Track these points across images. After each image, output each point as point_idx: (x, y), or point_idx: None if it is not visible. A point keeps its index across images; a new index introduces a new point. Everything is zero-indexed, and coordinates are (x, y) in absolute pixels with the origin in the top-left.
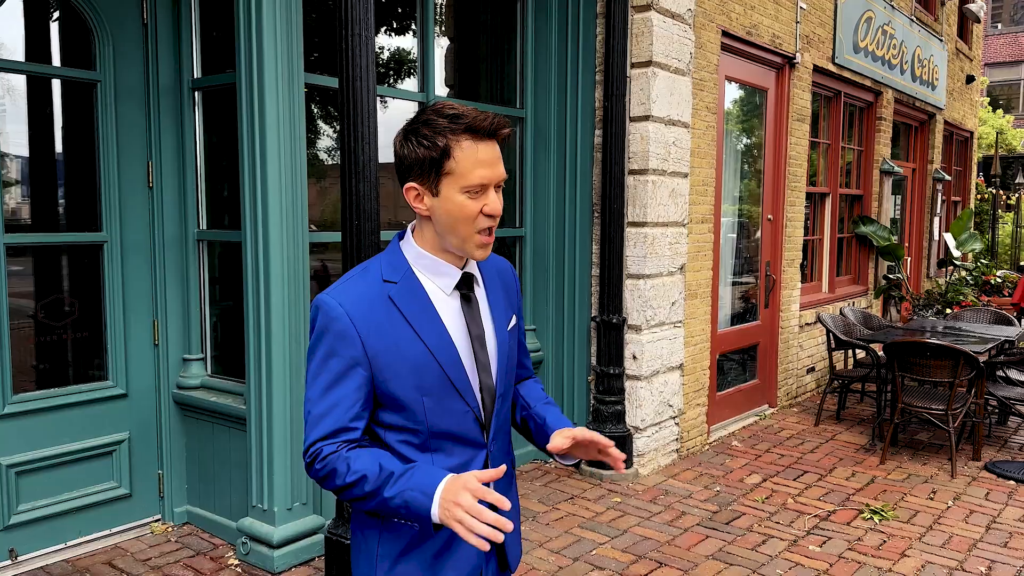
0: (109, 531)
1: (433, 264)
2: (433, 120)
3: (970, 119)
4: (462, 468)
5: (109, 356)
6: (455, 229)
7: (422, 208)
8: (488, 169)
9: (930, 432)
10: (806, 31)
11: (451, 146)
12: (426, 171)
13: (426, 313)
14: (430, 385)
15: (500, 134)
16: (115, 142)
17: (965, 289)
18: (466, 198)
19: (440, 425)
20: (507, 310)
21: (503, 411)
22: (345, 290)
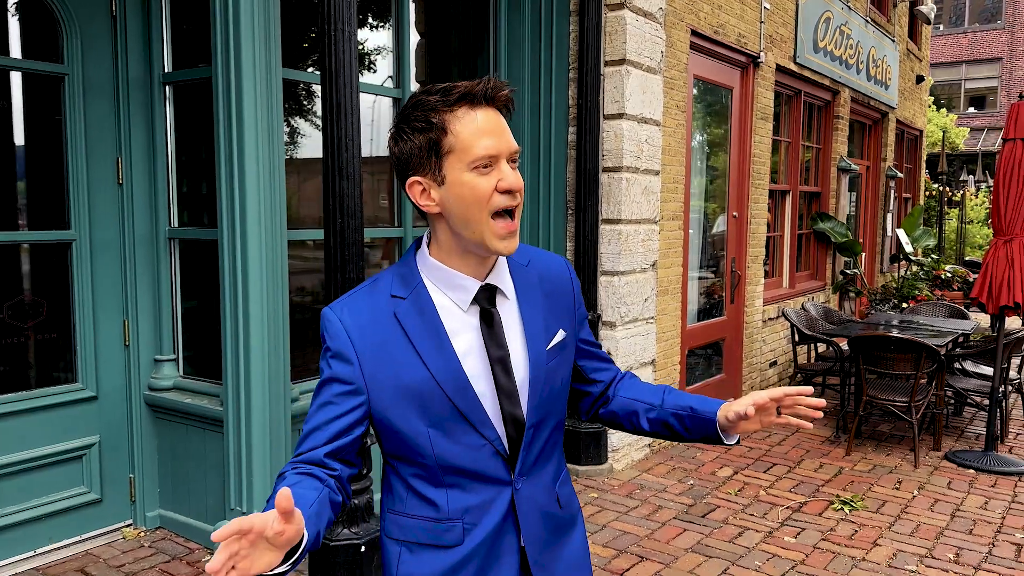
0: (80, 537)
1: (447, 276)
2: (423, 100)
3: (920, 118)
4: (483, 508)
5: (78, 357)
6: (468, 218)
7: (431, 205)
8: (493, 137)
9: (891, 423)
10: (769, 31)
11: (446, 120)
12: (425, 157)
13: (432, 334)
14: (436, 415)
15: (500, 98)
16: (83, 137)
17: (920, 284)
18: (475, 176)
19: (451, 460)
20: (550, 323)
21: (541, 440)
22: (349, 304)
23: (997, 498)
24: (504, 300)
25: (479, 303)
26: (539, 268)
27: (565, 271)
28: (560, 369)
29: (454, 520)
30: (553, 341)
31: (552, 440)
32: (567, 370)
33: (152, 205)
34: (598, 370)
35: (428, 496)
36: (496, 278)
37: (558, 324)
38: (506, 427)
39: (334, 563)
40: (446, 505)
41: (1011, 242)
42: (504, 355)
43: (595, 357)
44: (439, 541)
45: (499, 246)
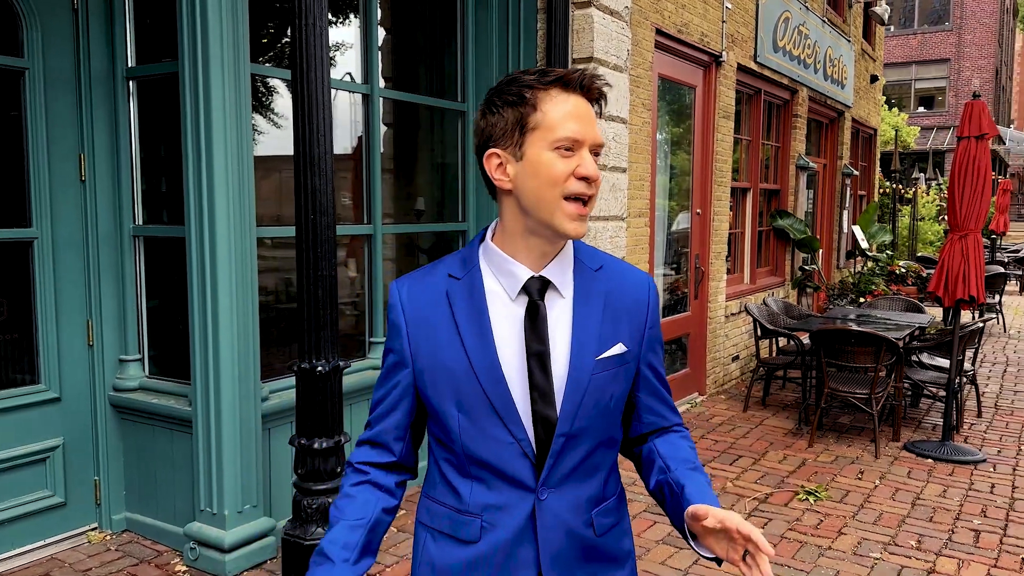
0: (43, 542)
1: (501, 261)
2: (519, 77)
3: (874, 117)
4: (503, 510)
5: (41, 358)
6: (541, 196)
7: (504, 180)
8: (581, 123)
9: (851, 415)
10: (731, 30)
11: (539, 97)
12: (510, 131)
13: (476, 316)
14: (467, 401)
15: (593, 88)
16: (45, 133)
17: (876, 279)
18: (555, 156)
19: (476, 451)
20: (607, 334)
21: (572, 455)
22: (411, 279)
23: (955, 486)
24: (557, 297)
25: (529, 294)
26: (611, 277)
27: (644, 289)
28: (612, 385)
29: (474, 515)
30: (607, 353)
31: (593, 460)
32: (621, 389)
33: (116, 202)
34: (652, 412)
35: (454, 484)
36: (553, 272)
37: (617, 338)
38: (536, 429)
39: (308, 563)
40: (468, 497)
41: (966, 238)
42: (543, 352)
43: (655, 396)
44: (457, 533)
45: (568, 227)
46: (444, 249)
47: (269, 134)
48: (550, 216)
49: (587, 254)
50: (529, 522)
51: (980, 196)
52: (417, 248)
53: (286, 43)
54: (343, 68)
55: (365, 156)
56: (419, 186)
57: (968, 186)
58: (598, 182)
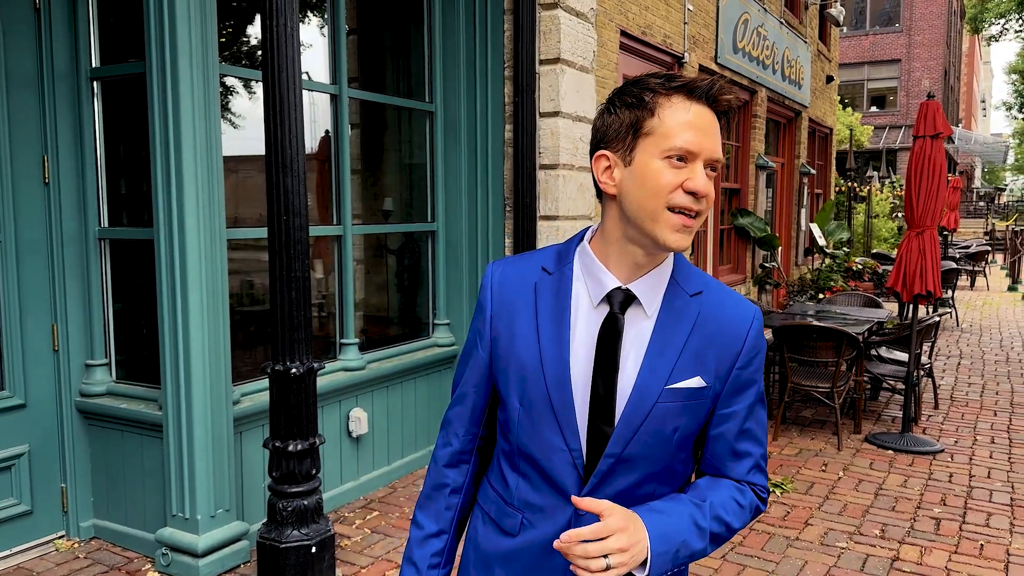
0: (9, 551)
1: (592, 266)
2: (644, 79)
3: (829, 116)
4: (542, 513)
5: (4, 364)
6: (643, 205)
7: (610, 184)
8: (698, 135)
9: (813, 409)
10: (693, 32)
11: (659, 102)
12: (623, 133)
13: (558, 315)
14: (529, 397)
15: (721, 100)
16: (7, 134)
17: (835, 275)
18: (665, 166)
19: (528, 448)
20: (686, 363)
21: (622, 481)
22: (506, 264)
23: (915, 476)
24: (641, 315)
25: (611, 304)
26: (710, 305)
27: (745, 324)
28: (678, 418)
29: (517, 510)
30: (680, 383)
31: (645, 490)
32: (688, 424)
33: (81, 205)
34: (717, 457)
35: (506, 475)
36: (641, 287)
37: (697, 370)
38: (590, 443)
39: (285, 565)
40: (515, 490)
41: (923, 234)
42: (612, 366)
43: (727, 443)
44: (500, 522)
45: (669, 238)
46: (413, 249)
47: (238, 135)
48: (652, 226)
49: (687, 276)
50: (566, 530)
51: (936, 194)
52: (386, 249)
53: (255, 42)
54: (310, 68)
55: (334, 157)
56: (387, 186)
57: (924, 184)
58: (709, 199)
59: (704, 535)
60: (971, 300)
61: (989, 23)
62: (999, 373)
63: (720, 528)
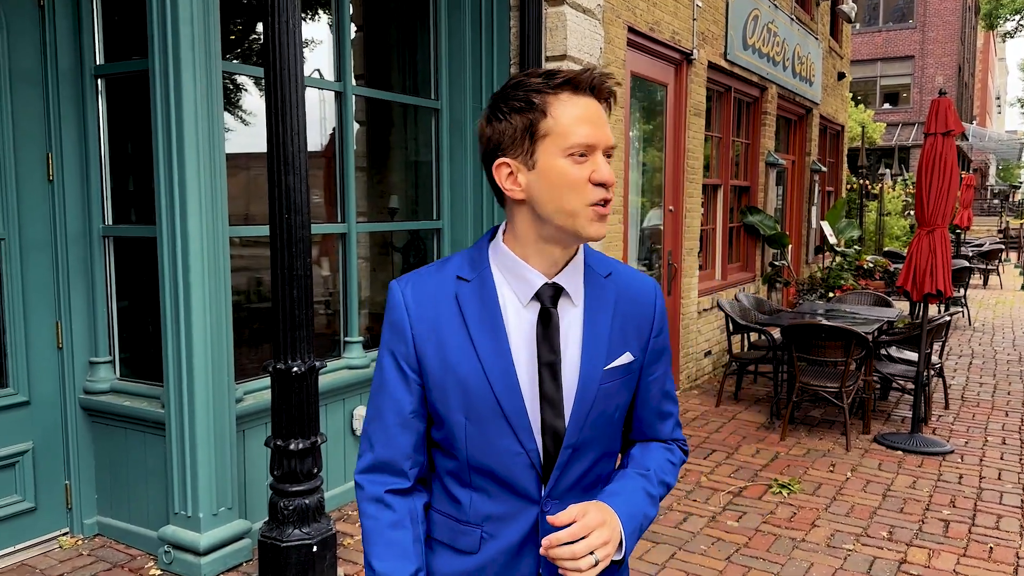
0: (13, 548)
1: (515, 266)
2: (525, 81)
3: (841, 113)
4: (505, 521)
5: (9, 361)
6: (561, 204)
7: (516, 190)
8: (593, 127)
9: (822, 409)
10: (702, 28)
11: (548, 102)
12: (519, 139)
13: (490, 321)
14: (477, 409)
15: (603, 89)
16: (11, 132)
17: (845, 274)
18: (570, 163)
19: (482, 460)
20: (615, 343)
21: (577, 467)
22: (416, 278)
23: (924, 477)
24: (569, 305)
25: (541, 300)
26: (620, 284)
27: (651, 293)
28: (617, 395)
29: (473, 526)
30: (615, 363)
31: (596, 471)
32: (624, 399)
33: (85, 202)
34: (646, 424)
35: (454, 494)
36: (565, 279)
37: (625, 347)
38: (544, 439)
39: (286, 564)
40: (468, 507)
41: (933, 232)
42: (555, 361)
43: (654, 408)
44: (455, 543)
45: (591, 231)
46: (418, 248)
47: (241, 132)
48: (572, 222)
49: (597, 260)
50: (532, 533)
51: (947, 192)
52: (391, 247)
53: (257, 40)
54: (315, 65)
55: (338, 154)
56: (393, 184)
57: (935, 182)
58: (614, 185)
59: (655, 501)
60: (984, 299)
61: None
62: (1011, 373)
63: (664, 490)
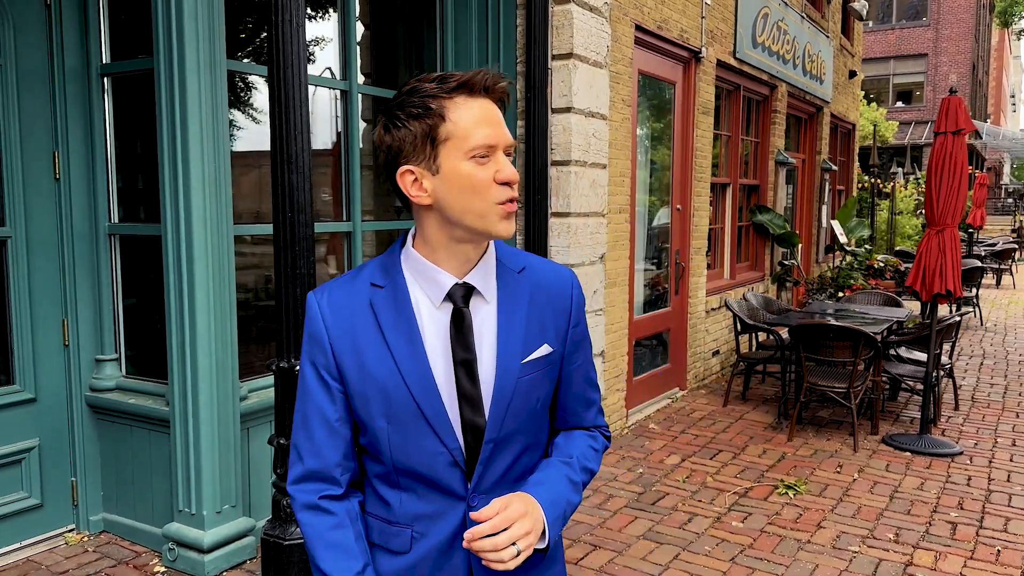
0: (19, 544)
1: (425, 269)
2: (419, 87)
3: (852, 112)
4: (432, 519)
5: (15, 359)
6: (469, 206)
7: (422, 196)
8: (491, 127)
9: (830, 409)
10: (710, 26)
11: (445, 107)
12: (420, 145)
13: (404, 326)
14: (397, 413)
15: (497, 89)
16: (18, 131)
17: (855, 273)
18: (473, 165)
19: (406, 462)
20: (532, 336)
21: (501, 461)
22: (331, 288)
23: (932, 479)
24: (482, 303)
25: (453, 301)
26: (534, 277)
27: (567, 285)
28: (538, 387)
29: (403, 526)
30: (532, 355)
31: (522, 462)
32: (546, 390)
33: (91, 200)
34: (571, 412)
35: (383, 496)
36: (476, 278)
37: (543, 339)
38: (466, 436)
39: (288, 562)
40: (398, 508)
41: (943, 232)
42: (470, 359)
43: (577, 397)
44: (387, 544)
45: (501, 229)
46: None
47: (248, 130)
48: (482, 223)
49: (508, 256)
50: (461, 529)
51: (957, 191)
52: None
53: (264, 39)
54: (322, 64)
55: (344, 153)
56: None
57: (945, 181)
58: (517, 183)
59: (578, 488)
60: (996, 299)
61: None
62: (1022, 373)
63: (587, 476)
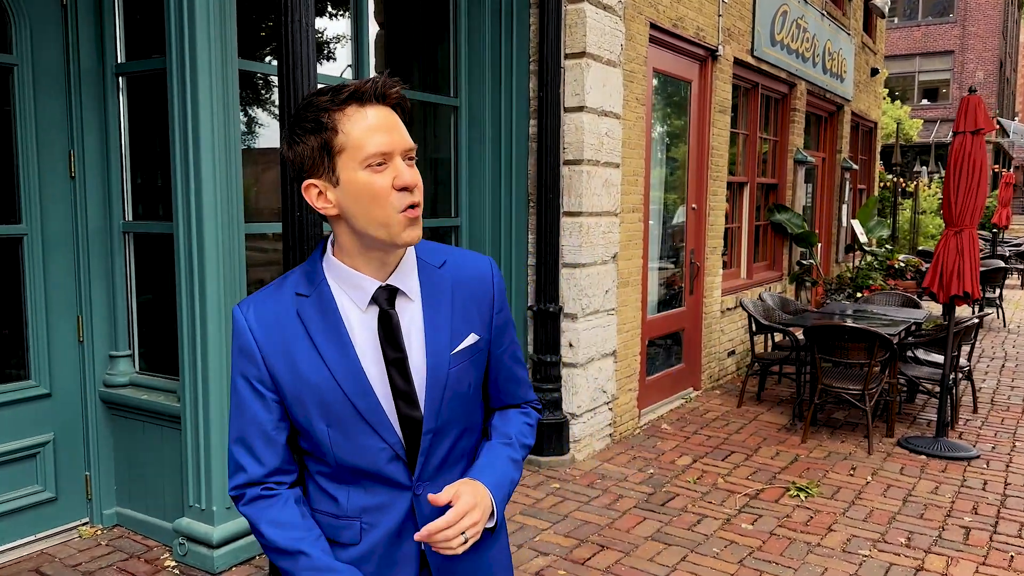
0: (34, 537)
1: (347, 276)
2: (313, 101)
3: (874, 110)
4: (381, 510)
5: (31, 354)
6: (371, 216)
7: (328, 207)
8: (384, 134)
9: (846, 411)
10: (727, 24)
11: (336, 119)
12: (318, 159)
13: (333, 332)
14: (336, 415)
15: (390, 96)
16: (34, 130)
17: (874, 274)
18: (369, 174)
19: (350, 460)
20: (458, 327)
21: (445, 446)
22: (255, 301)
23: (947, 483)
24: (407, 302)
25: (378, 304)
26: (455, 270)
27: (487, 273)
28: (469, 374)
29: (352, 519)
30: (460, 345)
31: (461, 446)
32: (476, 376)
33: (106, 198)
34: (503, 392)
35: (330, 492)
36: (398, 279)
37: (469, 328)
38: (404, 430)
39: None
40: (346, 503)
41: (961, 233)
42: (401, 358)
43: (507, 377)
44: (337, 538)
45: (404, 237)
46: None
47: (268, 127)
48: (385, 232)
49: (428, 251)
50: (409, 516)
51: (976, 191)
52: None
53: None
54: (333, 63)
55: None
56: None
57: (964, 181)
58: (419, 186)
59: (519, 465)
60: (1021, 300)
61: None
62: None
63: (525, 452)
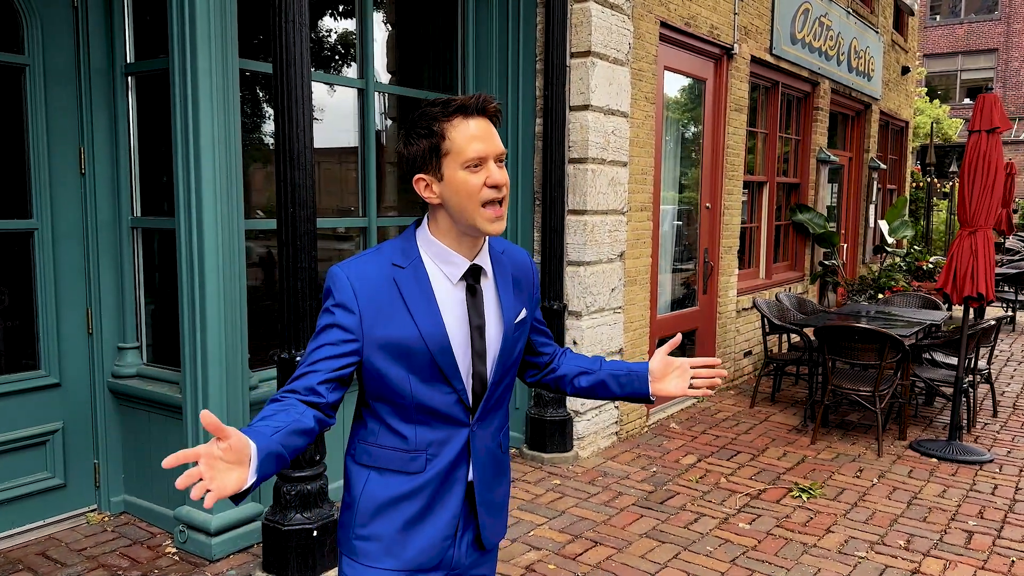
0: (43, 522)
1: (442, 253)
2: (426, 111)
3: (905, 109)
4: (443, 443)
5: (41, 345)
6: (464, 207)
7: (432, 196)
8: (482, 142)
9: (860, 413)
10: (744, 22)
11: (445, 128)
12: (428, 159)
13: (425, 299)
14: (418, 366)
15: (489, 109)
16: (45, 127)
17: (897, 275)
18: (468, 174)
19: (425, 401)
20: (517, 303)
21: (496, 396)
22: (356, 264)
23: (955, 486)
24: (486, 279)
25: (466, 279)
26: (511, 257)
27: (528, 262)
28: (520, 341)
29: (419, 452)
30: (517, 318)
31: (504, 396)
32: (524, 343)
33: (115, 194)
34: (545, 345)
35: (399, 430)
36: (482, 260)
37: (521, 304)
38: (474, 383)
39: (287, 547)
40: (414, 438)
41: (975, 233)
42: (482, 324)
43: (543, 334)
44: (405, 468)
45: (489, 228)
46: None
47: (268, 126)
48: (473, 221)
49: (493, 240)
50: (464, 449)
51: (991, 192)
52: None
53: None
54: (337, 63)
55: (360, 150)
56: None
57: (979, 181)
58: (506, 185)
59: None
60: None
61: None
62: None
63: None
